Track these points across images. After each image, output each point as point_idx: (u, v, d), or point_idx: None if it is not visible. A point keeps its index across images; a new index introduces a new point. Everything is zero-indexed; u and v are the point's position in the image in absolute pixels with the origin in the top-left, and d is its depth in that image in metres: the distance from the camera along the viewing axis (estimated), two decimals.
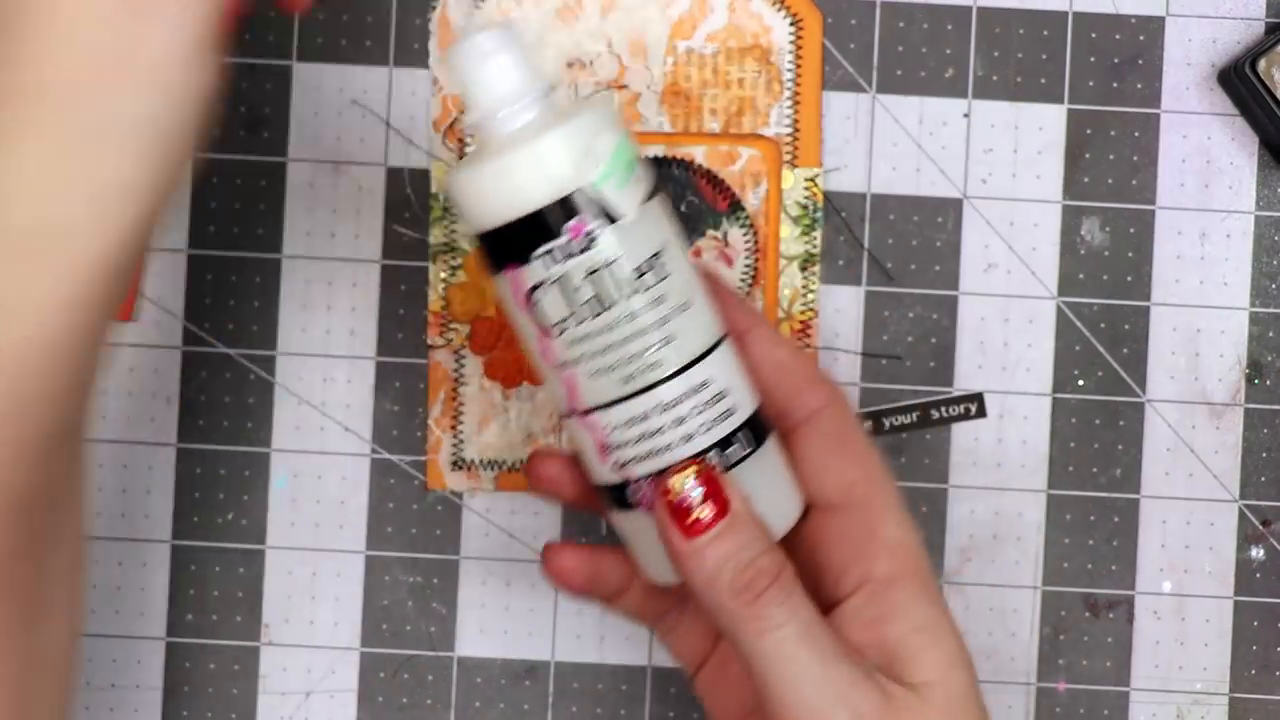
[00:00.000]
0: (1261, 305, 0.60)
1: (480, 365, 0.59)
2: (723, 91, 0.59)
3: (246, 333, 0.60)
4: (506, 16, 0.59)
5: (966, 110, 0.59)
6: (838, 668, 0.45)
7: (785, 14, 0.59)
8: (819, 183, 0.59)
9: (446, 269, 0.59)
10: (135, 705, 0.60)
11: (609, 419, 0.46)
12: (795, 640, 0.45)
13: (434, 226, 0.59)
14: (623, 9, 0.59)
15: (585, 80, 0.59)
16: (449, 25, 0.59)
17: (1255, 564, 0.60)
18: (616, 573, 0.51)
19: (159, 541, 0.60)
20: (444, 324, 0.59)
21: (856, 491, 0.49)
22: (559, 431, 0.59)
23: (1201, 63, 0.59)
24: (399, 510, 0.60)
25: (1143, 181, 0.59)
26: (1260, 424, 0.60)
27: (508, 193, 0.45)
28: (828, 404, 0.50)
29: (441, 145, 0.59)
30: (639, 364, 0.46)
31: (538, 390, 0.59)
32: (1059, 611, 0.60)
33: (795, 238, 0.59)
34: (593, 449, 0.47)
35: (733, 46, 0.59)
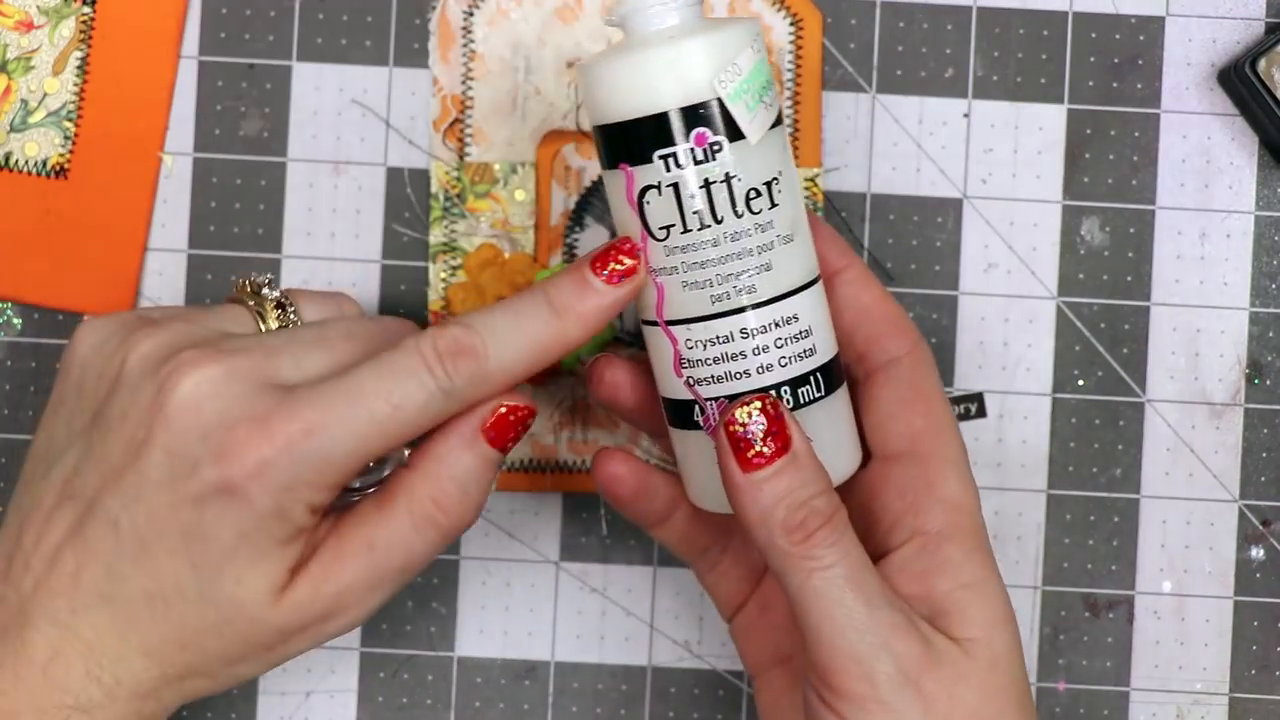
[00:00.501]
0: (1261, 305, 0.60)
1: None
2: None
3: None
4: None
5: (966, 110, 0.59)
6: (883, 613, 0.45)
7: (785, 14, 0.59)
8: (819, 183, 0.59)
9: (446, 269, 0.59)
10: None
11: (692, 334, 0.47)
12: (843, 582, 0.45)
13: (434, 226, 0.59)
14: None
15: None
16: (449, 25, 0.59)
17: (1255, 564, 0.60)
18: (664, 492, 0.52)
19: None
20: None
21: (921, 443, 0.49)
22: (559, 431, 0.59)
23: (1201, 63, 0.59)
24: None
25: (1143, 181, 0.59)
26: (1260, 424, 0.60)
27: (641, 89, 0.45)
28: (908, 353, 0.50)
29: (441, 145, 0.59)
30: (733, 285, 0.46)
31: (538, 390, 0.59)
32: (1059, 611, 0.60)
33: None
34: (669, 360, 0.47)
35: None
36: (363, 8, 0.59)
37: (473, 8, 0.59)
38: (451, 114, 0.59)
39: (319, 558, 0.46)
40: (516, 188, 0.59)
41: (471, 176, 0.59)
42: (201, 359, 0.45)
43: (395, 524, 0.47)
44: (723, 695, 0.60)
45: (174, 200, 0.59)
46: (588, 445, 0.59)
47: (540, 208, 0.59)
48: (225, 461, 0.44)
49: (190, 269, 0.60)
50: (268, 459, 0.44)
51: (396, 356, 0.46)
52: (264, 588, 0.45)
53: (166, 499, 0.45)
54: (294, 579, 0.46)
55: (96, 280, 0.59)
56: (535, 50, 0.59)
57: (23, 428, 0.59)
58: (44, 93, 0.59)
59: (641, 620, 0.60)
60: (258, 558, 0.45)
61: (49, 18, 0.59)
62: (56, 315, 0.59)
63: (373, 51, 0.59)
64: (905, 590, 0.47)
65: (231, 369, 0.45)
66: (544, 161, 0.59)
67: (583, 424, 0.59)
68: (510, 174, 0.59)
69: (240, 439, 0.44)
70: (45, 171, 0.59)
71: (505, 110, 0.59)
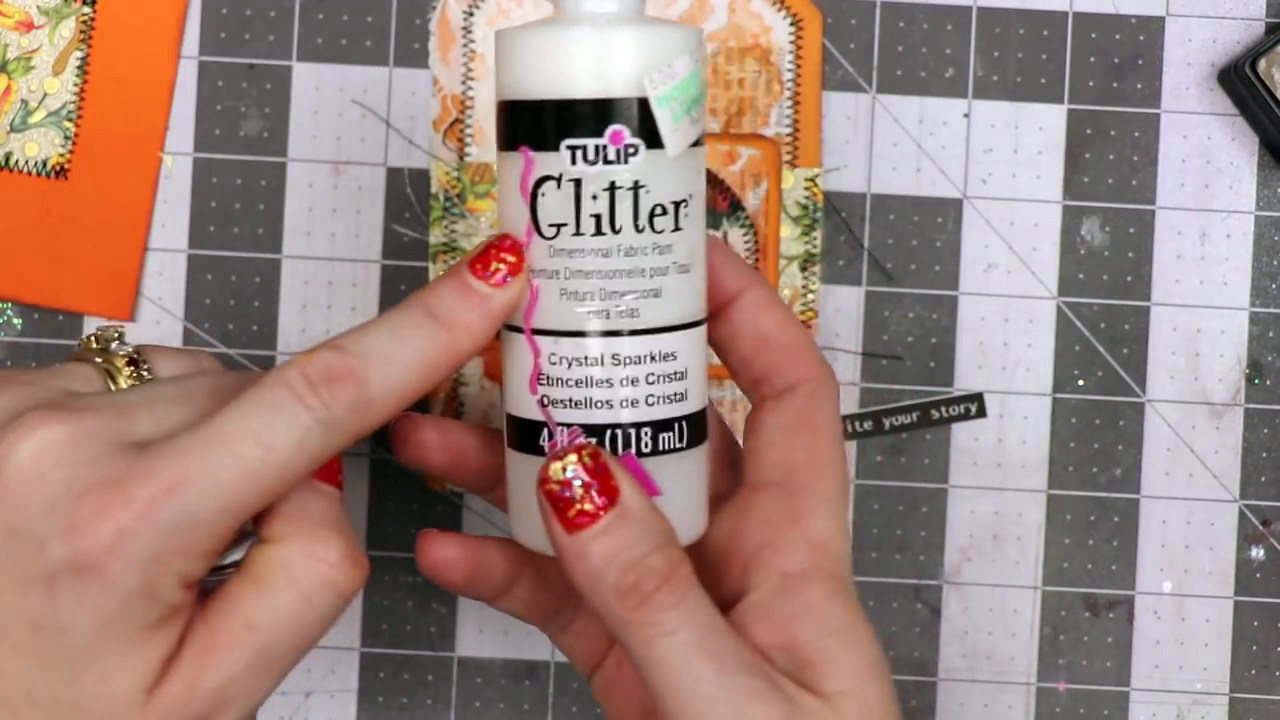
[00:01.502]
0: (1261, 305, 0.60)
1: (481, 365, 0.59)
2: (723, 91, 0.59)
3: (246, 333, 0.59)
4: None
5: (966, 110, 0.59)
6: (737, 678, 0.40)
7: (785, 14, 0.59)
8: (819, 183, 0.59)
9: (446, 269, 0.59)
10: None
11: (558, 349, 0.42)
12: (688, 648, 0.40)
13: (434, 226, 0.59)
14: None
15: None
16: (449, 25, 0.59)
17: (1255, 564, 0.60)
18: (501, 567, 0.47)
19: None
20: None
21: (796, 476, 0.45)
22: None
23: (1201, 63, 0.59)
24: (399, 510, 0.60)
25: (1143, 181, 0.59)
26: (1260, 424, 0.60)
27: (562, 69, 0.41)
28: (805, 382, 0.46)
29: (442, 145, 0.59)
30: (615, 304, 0.42)
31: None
32: (1059, 611, 0.60)
33: (795, 238, 0.59)
34: (525, 373, 0.43)
35: (733, 46, 0.59)
36: (363, 8, 0.59)
37: (473, 8, 0.59)
38: (452, 114, 0.59)
39: (189, 648, 0.40)
40: None
41: (472, 176, 0.59)
42: (42, 420, 0.39)
43: (280, 597, 0.40)
44: None
45: (174, 200, 0.59)
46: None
47: None
48: (76, 535, 0.38)
49: (190, 269, 0.60)
50: (126, 527, 0.38)
51: (260, 392, 0.39)
52: (133, 686, 0.39)
53: (9, 585, 0.38)
54: (165, 673, 0.39)
55: (96, 280, 0.59)
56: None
57: None
58: (44, 93, 0.59)
59: None
60: (124, 648, 0.38)
61: (49, 18, 0.59)
62: (56, 315, 0.59)
63: (373, 51, 0.59)
64: (764, 640, 0.43)
65: (78, 429, 0.39)
66: None
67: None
68: None
69: (92, 507, 0.38)
70: (45, 171, 0.59)
71: None
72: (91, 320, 0.59)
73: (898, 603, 0.60)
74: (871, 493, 0.60)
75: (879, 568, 0.60)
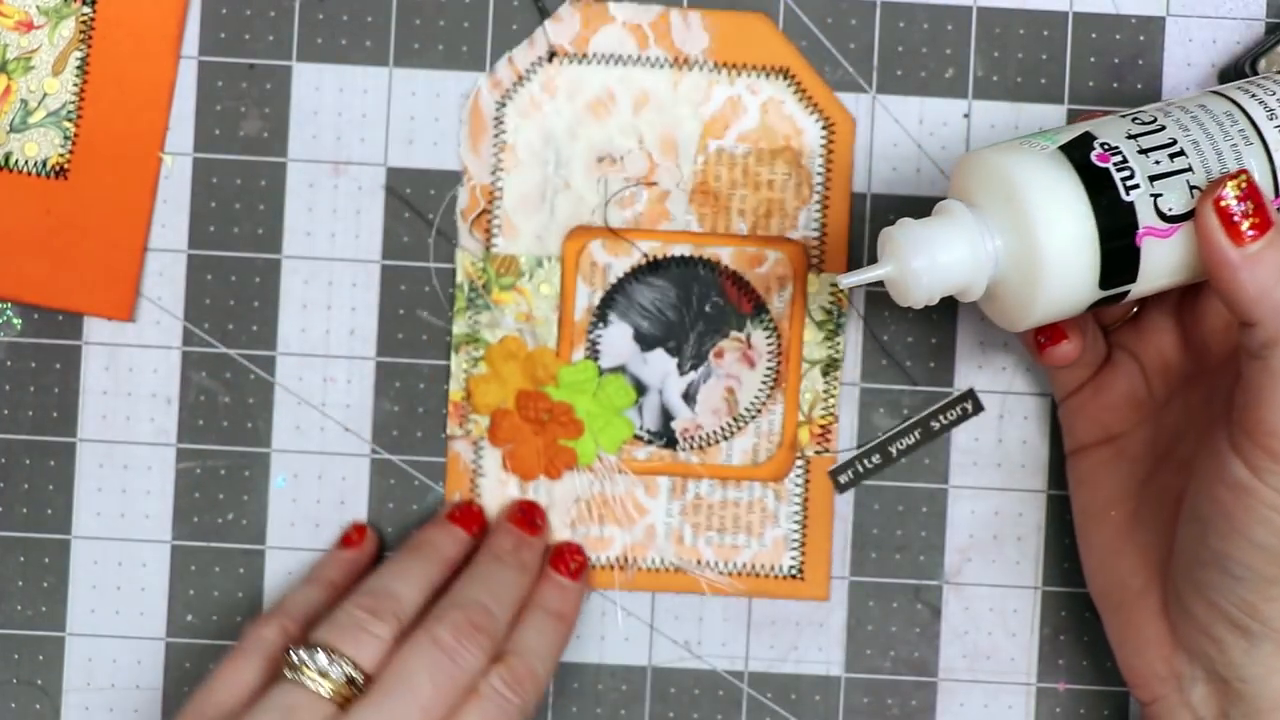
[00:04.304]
0: None
1: (499, 457, 0.59)
2: (752, 193, 0.59)
3: (246, 333, 0.60)
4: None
5: (966, 110, 0.59)
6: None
7: (818, 117, 0.59)
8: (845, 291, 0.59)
9: (469, 360, 0.59)
10: (135, 705, 0.60)
11: None
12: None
13: (458, 317, 0.59)
14: (655, 106, 0.59)
15: (615, 175, 0.59)
16: (481, 115, 0.59)
17: None
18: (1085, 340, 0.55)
19: (159, 541, 0.60)
20: (464, 415, 0.59)
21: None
22: (574, 527, 0.59)
23: (1201, 63, 0.59)
24: (399, 510, 0.60)
25: None
26: None
27: None
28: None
29: (469, 235, 0.59)
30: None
31: (554, 485, 0.59)
32: (1059, 611, 0.60)
33: (818, 342, 0.59)
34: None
35: (764, 148, 0.59)
36: (363, 8, 0.59)
37: (505, 98, 0.59)
38: (480, 204, 0.59)
39: None
40: (542, 281, 0.59)
41: (497, 268, 0.59)
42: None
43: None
44: (723, 695, 0.60)
45: (174, 200, 0.59)
46: (603, 541, 0.59)
47: (564, 302, 0.59)
48: None
49: (190, 269, 0.60)
50: None
51: (486, 706, 0.52)
52: None
53: None
54: None
55: (96, 280, 0.59)
56: (567, 143, 0.59)
57: (22, 428, 0.59)
58: (44, 93, 0.59)
59: (641, 620, 0.60)
60: None
61: (49, 18, 0.59)
62: (56, 315, 0.59)
63: (373, 51, 0.59)
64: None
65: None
66: (570, 256, 0.59)
67: (599, 519, 0.59)
68: (536, 267, 0.59)
69: None
70: (45, 171, 0.59)
71: (534, 203, 0.59)
72: (91, 320, 0.59)
73: (898, 603, 0.60)
74: (871, 493, 0.60)
75: (879, 568, 0.60)
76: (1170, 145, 0.49)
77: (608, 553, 0.59)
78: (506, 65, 0.59)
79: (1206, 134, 0.50)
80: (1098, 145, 0.50)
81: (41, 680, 0.60)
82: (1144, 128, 0.50)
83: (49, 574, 0.60)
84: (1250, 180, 0.48)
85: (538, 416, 0.59)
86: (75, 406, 0.59)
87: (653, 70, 0.59)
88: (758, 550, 0.59)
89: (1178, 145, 0.49)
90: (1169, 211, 0.49)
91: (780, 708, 0.60)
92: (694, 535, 0.59)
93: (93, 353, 0.59)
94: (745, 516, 0.59)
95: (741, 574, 0.59)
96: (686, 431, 0.59)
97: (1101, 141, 0.50)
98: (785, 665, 0.60)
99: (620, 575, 0.59)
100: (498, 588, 0.55)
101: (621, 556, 0.59)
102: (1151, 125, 0.50)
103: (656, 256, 0.59)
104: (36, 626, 0.60)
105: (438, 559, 0.56)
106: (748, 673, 0.60)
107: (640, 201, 0.59)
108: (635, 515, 0.59)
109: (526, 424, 0.59)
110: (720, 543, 0.59)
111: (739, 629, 0.60)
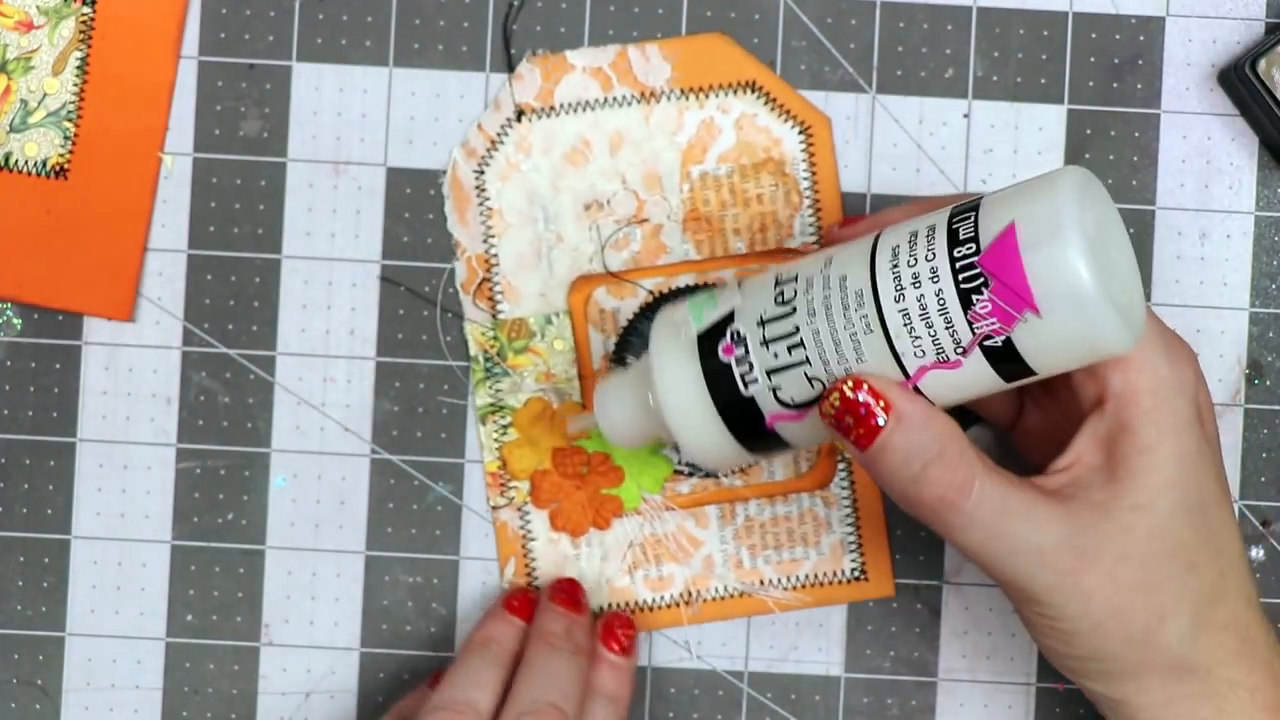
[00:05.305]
0: (1261, 305, 0.60)
1: (546, 519, 0.59)
2: (743, 210, 0.59)
3: (246, 333, 0.60)
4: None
5: (966, 110, 0.59)
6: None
7: (792, 123, 0.59)
8: None
9: (497, 429, 0.59)
10: (135, 705, 0.60)
11: None
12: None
13: (478, 389, 0.59)
14: (631, 144, 0.59)
15: (605, 219, 0.59)
16: (461, 186, 0.59)
17: (1255, 564, 0.60)
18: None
19: (159, 541, 0.60)
20: (503, 483, 0.59)
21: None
22: (633, 573, 0.59)
23: (1201, 63, 0.59)
24: (399, 510, 0.60)
25: (1143, 182, 0.59)
26: (1260, 424, 0.60)
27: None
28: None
29: (473, 307, 0.59)
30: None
31: (605, 535, 0.59)
32: None
33: None
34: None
35: (746, 164, 0.59)
36: (363, 8, 0.59)
37: (482, 165, 0.59)
38: (479, 274, 0.59)
39: None
40: (555, 338, 0.59)
41: (508, 333, 0.59)
42: None
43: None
44: (722, 695, 0.60)
45: (174, 200, 0.59)
46: (663, 580, 0.59)
47: (580, 354, 0.59)
48: None
49: (190, 269, 0.60)
50: None
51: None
52: None
53: None
54: None
55: (96, 280, 0.59)
56: (551, 198, 0.59)
57: (23, 428, 0.59)
58: (44, 93, 0.59)
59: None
60: None
61: (49, 18, 0.59)
62: (56, 315, 0.59)
63: (373, 51, 0.59)
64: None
65: None
66: (577, 308, 0.59)
67: (655, 559, 0.59)
68: (546, 325, 0.59)
69: None
70: (45, 171, 0.59)
71: (531, 262, 0.59)
72: (91, 320, 0.59)
73: (898, 603, 0.60)
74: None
75: None
76: (792, 335, 0.48)
77: (670, 591, 0.59)
78: (477, 132, 0.59)
79: (830, 322, 0.48)
80: (728, 335, 0.49)
81: (41, 680, 0.60)
82: (778, 310, 0.49)
83: (49, 574, 0.60)
84: (843, 396, 0.47)
85: (576, 471, 0.59)
86: (75, 406, 0.59)
87: (622, 109, 0.59)
88: (817, 560, 0.59)
89: (798, 336, 0.48)
90: (791, 401, 0.49)
91: (780, 708, 0.60)
92: (751, 557, 0.59)
93: (93, 353, 0.59)
94: (799, 529, 0.59)
95: (806, 586, 0.59)
96: None
97: (733, 330, 0.49)
98: (785, 665, 0.60)
99: (687, 610, 0.59)
100: (562, 682, 0.54)
101: (685, 592, 0.59)
102: (785, 307, 0.49)
103: (662, 290, 0.59)
104: (36, 626, 0.60)
105: (504, 656, 0.56)
106: (748, 673, 0.60)
107: (635, 240, 0.59)
108: (690, 549, 0.59)
109: (567, 481, 0.59)
110: (779, 559, 0.59)
111: (739, 629, 0.60)
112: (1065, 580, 0.48)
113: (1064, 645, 0.50)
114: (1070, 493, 0.48)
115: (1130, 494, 0.48)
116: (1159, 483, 0.48)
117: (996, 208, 0.46)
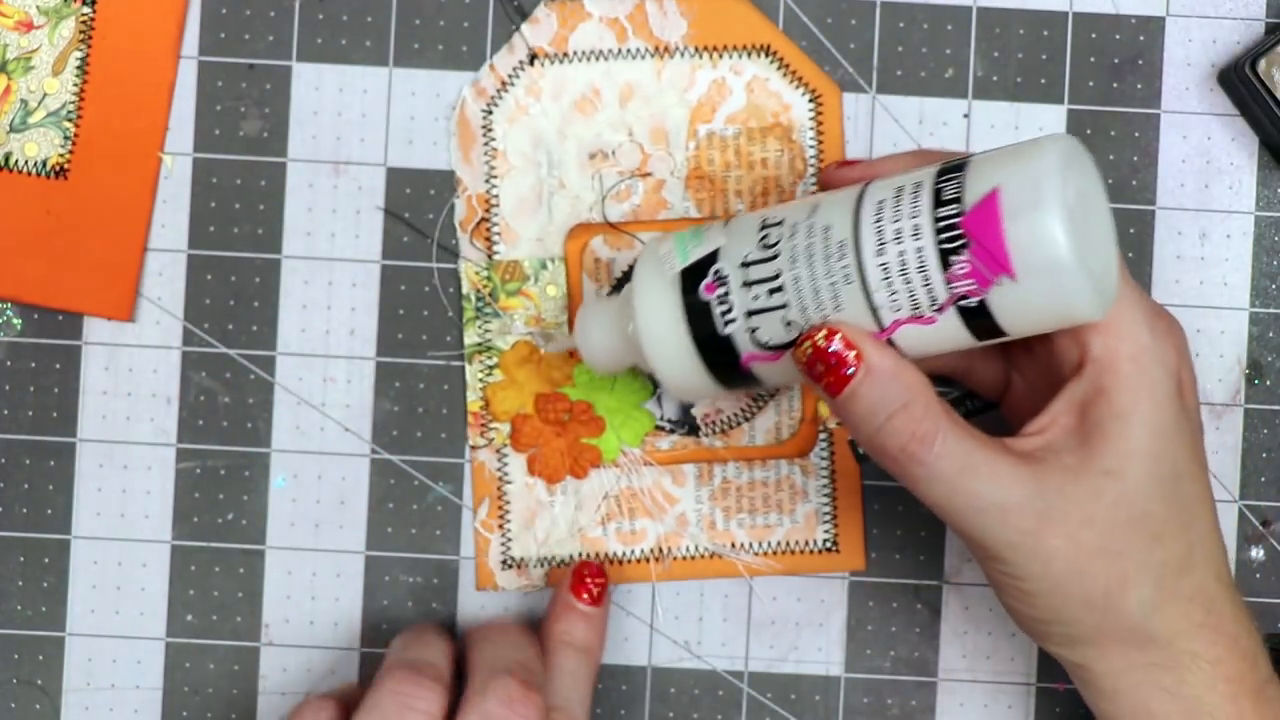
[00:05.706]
0: (1261, 305, 0.60)
1: (523, 463, 0.59)
2: (747, 173, 0.59)
3: (246, 333, 0.60)
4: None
5: (966, 110, 0.59)
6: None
7: (803, 90, 0.59)
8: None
9: (483, 369, 0.59)
10: (135, 705, 0.60)
11: None
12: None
13: (468, 328, 0.59)
14: (641, 97, 0.59)
15: (609, 170, 0.59)
16: (468, 124, 0.59)
17: (1255, 564, 0.60)
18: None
19: (159, 541, 0.60)
20: (484, 424, 0.59)
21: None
22: (605, 524, 0.59)
23: (1201, 63, 0.59)
24: (399, 510, 0.60)
25: (1143, 181, 0.59)
26: (1260, 424, 0.60)
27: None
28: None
29: (470, 245, 0.59)
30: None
31: (581, 484, 0.59)
32: None
33: None
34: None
35: (754, 127, 0.59)
36: (363, 8, 0.59)
37: (491, 105, 0.59)
38: (478, 213, 0.59)
39: None
40: (548, 283, 0.59)
41: (502, 275, 0.59)
42: None
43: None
44: (723, 695, 0.60)
45: (174, 200, 0.59)
46: (635, 535, 0.59)
47: (572, 301, 0.59)
48: None
49: (190, 269, 0.60)
50: None
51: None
52: None
53: None
54: None
55: (96, 280, 0.59)
56: (557, 144, 0.59)
57: (22, 428, 0.59)
58: (44, 93, 0.59)
59: (641, 620, 0.60)
60: None
61: (49, 18, 0.59)
62: (56, 315, 0.59)
63: (373, 51, 0.59)
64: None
65: None
66: (573, 255, 0.59)
67: (629, 513, 0.59)
68: (540, 270, 0.59)
69: None
70: (45, 171, 0.59)
71: (531, 206, 0.59)
72: (91, 320, 0.59)
73: (898, 603, 0.60)
74: (871, 493, 0.60)
75: (879, 568, 0.60)
76: (773, 279, 0.49)
77: (642, 545, 0.59)
78: (489, 72, 0.59)
79: (811, 270, 0.48)
80: (711, 273, 0.50)
81: (41, 680, 0.60)
82: (761, 253, 0.49)
83: (49, 574, 0.60)
84: (815, 345, 0.48)
85: (558, 418, 0.59)
86: (75, 406, 0.59)
87: (635, 62, 0.59)
88: (790, 528, 0.59)
89: (779, 281, 0.49)
90: (767, 343, 0.49)
91: (780, 708, 0.60)
92: (725, 519, 0.59)
93: (93, 353, 0.59)
94: (775, 495, 0.59)
95: (777, 553, 0.59)
96: (707, 417, 0.59)
97: (716, 269, 0.50)
98: (785, 665, 0.60)
99: (657, 566, 0.59)
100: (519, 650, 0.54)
101: (656, 548, 0.59)
102: (768, 252, 0.49)
103: None
104: (36, 626, 0.60)
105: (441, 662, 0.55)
106: (748, 673, 0.60)
107: (637, 193, 0.59)
108: (665, 505, 0.59)
109: (548, 426, 0.59)
110: (753, 524, 0.59)
111: (739, 629, 0.60)
112: (1026, 540, 0.48)
113: (1026, 606, 0.50)
114: (1041, 455, 0.49)
115: (1101, 458, 0.48)
116: (1130, 449, 0.48)
117: (983, 170, 0.47)
